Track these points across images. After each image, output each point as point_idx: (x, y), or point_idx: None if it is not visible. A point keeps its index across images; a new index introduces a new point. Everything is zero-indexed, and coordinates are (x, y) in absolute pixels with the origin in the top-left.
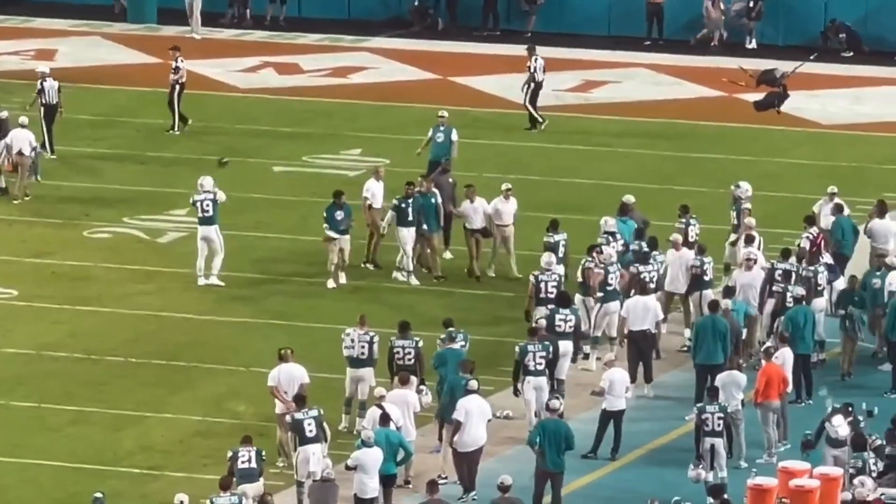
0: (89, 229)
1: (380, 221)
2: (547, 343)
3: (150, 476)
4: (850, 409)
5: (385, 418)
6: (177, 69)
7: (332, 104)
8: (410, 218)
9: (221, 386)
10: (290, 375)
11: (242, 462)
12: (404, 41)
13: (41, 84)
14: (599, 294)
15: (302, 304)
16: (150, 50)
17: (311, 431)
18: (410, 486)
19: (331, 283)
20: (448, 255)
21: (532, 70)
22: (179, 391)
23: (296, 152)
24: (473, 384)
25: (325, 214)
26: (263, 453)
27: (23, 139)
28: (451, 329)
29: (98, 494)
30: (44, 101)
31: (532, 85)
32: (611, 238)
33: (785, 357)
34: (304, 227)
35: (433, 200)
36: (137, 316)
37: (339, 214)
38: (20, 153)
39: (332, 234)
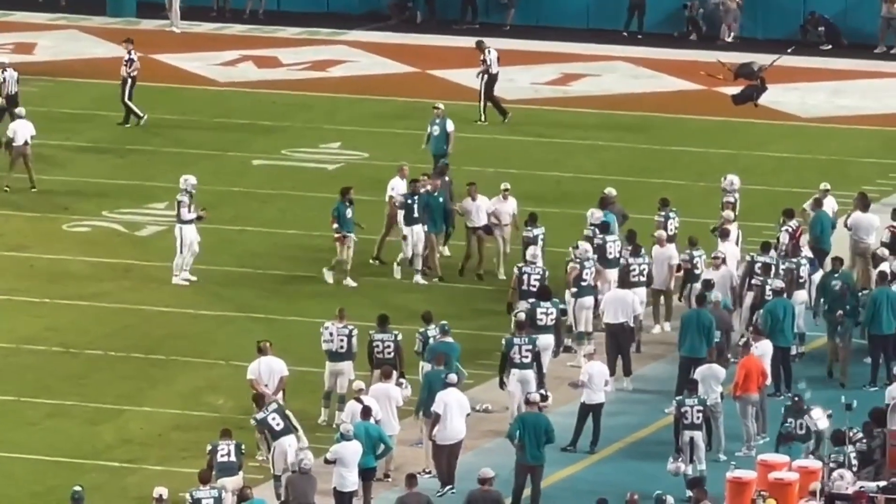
0: (68, 223)
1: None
2: (534, 337)
3: (129, 469)
4: (797, 398)
5: (366, 411)
6: (130, 62)
7: (312, 97)
8: (416, 215)
9: (200, 379)
10: (270, 368)
11: (222, 455)
12: (383, 34)
13: (2, 75)
14: (573, 289)
15: (280, 297)
16: None
17: (278, 425)
18: (390, 479)
19: (329, 278)
20: (446, 252)
21: (487, 63)
22: (158, 385)
23: (275, 146)
24: (453, 378)
25: (335, 213)
26: (243, 447)
27: (26, 130)
28: (444, 322)
29: (77, 488)
30: (3, 92)
31: (487, 77)
32: (597, 230)
33: (764, 349)
34: (283, 221)
35: (440, 199)
36: (116, 309)
37: (349, 212)
38: (25, 143)
39: (346, 233)
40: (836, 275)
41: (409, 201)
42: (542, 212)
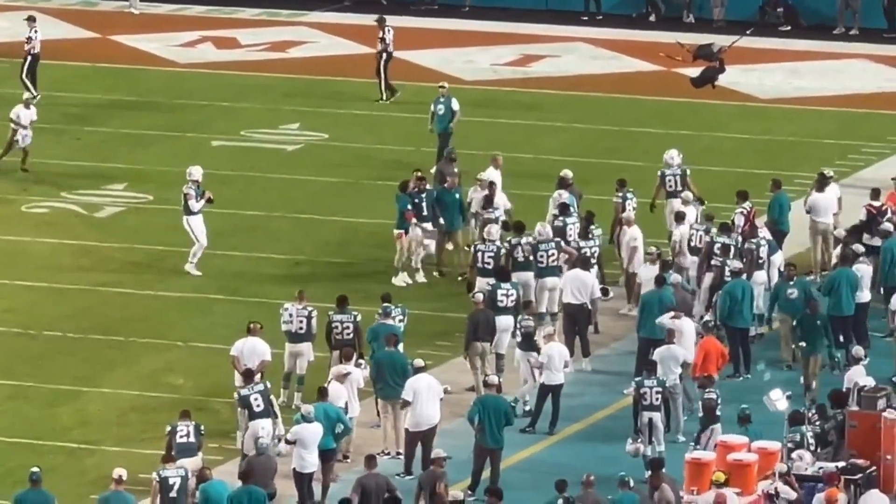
0: (26, 204)
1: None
2: (530, 319)
3: (88, 451)
4: (711, 379)
5: (323, 392)
6: (29, 39)
7: (271, 78)
8: (425, 213)
9: (159, 361)
10: (253, 350)
11: (181, 437)
12: (342, 15)
13: None
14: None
15: (239, 278)
16: (88, 25)
17: (258, 406)
18: (349, 460)
19: (401, 281)
20: (449, 245)
21: (387, 42)
22: (116, 366)
23: (234, 126)
24: (419, 362)
25: (405, 207)
26: (202, 428)
27: (29, 115)
28: (386, 304)
29: (35, 469)
30: None
31: (385, 55)
32: (557, 212)
33: (681, 327)
34: (243, 202)
35: (457, 196)
36: (75, 291)
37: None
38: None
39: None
40: (790, 283)
41: (416, 200)
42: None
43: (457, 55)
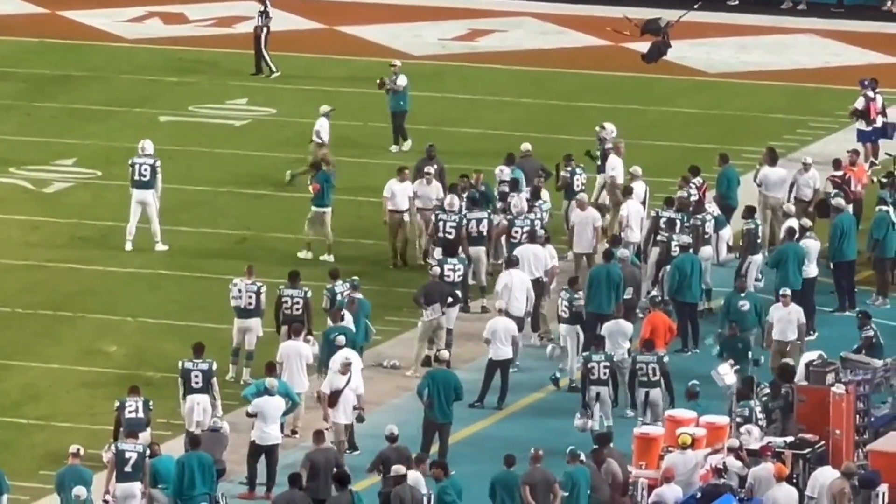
0: None
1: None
2: (579, 296)
3: (37, 426)
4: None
5: (271, 367)
6: None
7: (218, 54)
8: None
9: (108, 336)
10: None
11: (129, 412)
12: None
13: None
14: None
15: (188, 253)
16: (36, 0)
17: (196, 383)
18: (297, 435)
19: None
20: None
21: (269, 16)
22: (66, 341)
23: (182, 102)
24: (341, 339)
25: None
26: (151, 403)
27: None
28: (355, 278)
29: None
30: None
31: (266, 30)
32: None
33: (507, 280)
34: (190, 177)
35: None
36: (25, 266)
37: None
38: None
39: None
40: (742, 295)
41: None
42: (452, 168)
43: (405, 30)
